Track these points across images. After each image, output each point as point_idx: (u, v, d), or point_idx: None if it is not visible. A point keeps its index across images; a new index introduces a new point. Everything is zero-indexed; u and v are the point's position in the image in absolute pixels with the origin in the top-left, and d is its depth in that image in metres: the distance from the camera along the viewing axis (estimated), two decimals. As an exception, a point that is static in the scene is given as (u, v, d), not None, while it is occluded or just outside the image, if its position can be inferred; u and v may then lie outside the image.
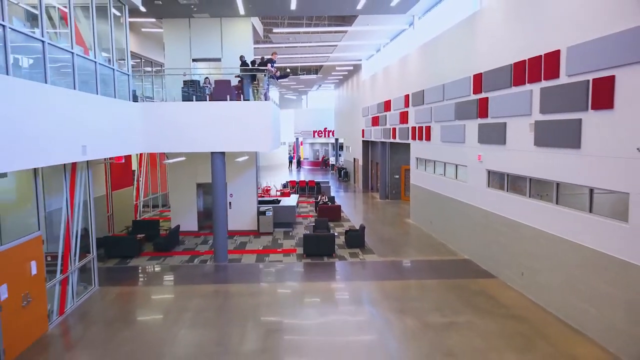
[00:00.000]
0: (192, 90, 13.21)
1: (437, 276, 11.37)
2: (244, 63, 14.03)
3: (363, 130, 27.81)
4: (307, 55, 26.75)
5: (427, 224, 16.56)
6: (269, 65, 13.50)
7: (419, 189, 17.57)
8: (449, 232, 14.46)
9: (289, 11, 15.60)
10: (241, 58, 14.27)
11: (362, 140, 28.38)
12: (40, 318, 8.18)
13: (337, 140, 43.62)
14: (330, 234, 13.68)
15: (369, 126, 26.01)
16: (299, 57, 27.30)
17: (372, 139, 25.40)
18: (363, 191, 28.55)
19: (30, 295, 7.78)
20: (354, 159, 32.63)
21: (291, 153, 51.10)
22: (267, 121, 12.47)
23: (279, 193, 22.12)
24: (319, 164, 50.22)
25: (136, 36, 18.56)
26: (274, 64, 14.00)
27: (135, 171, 19.21)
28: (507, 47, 10.57)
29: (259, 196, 18.58)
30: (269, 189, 22.94)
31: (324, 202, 20.04)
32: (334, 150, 45.52)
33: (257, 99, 13.21)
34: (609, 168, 7.33)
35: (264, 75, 13.34)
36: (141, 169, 20.03)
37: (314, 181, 27.67)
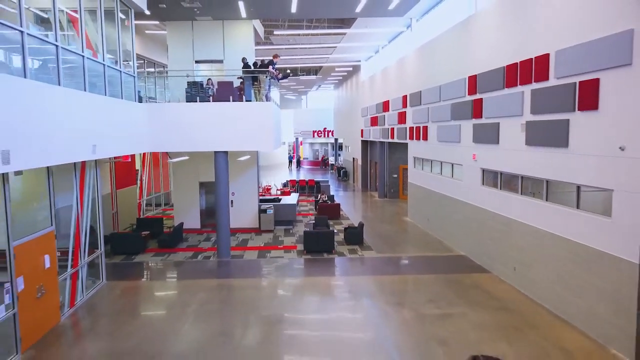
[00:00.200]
0: (194, 91, 13.60)
1: (433, 271, 11.76)
2: (246, 65, 14.41)
3: (362, 130, 28.21)
4: (307, 57, 27.13)
5: (425, 221, 16.95)
6: (270, 67, 13.88)
7: (416, 187, 17.97)
8: (445, 229, 14.85)
9: (289, 14, 15.99)
10: (243, 60, 14.65)
11: (361, 140, 28.78)
12: (53, 309, 8.57)
13: (337, 140, 44.04)
14: (329, 230, 14.08)
15: (367, 126, 26.40)
16: (299, 58, 27.68)
17: (371, 138, 25.79)
18: (362, 190, 28.95)
19: (44, 287, 8.16)
20: (353, 158, 33.02)
21: (291, 153, 51.50)
22: (268, 121, 12.87)
23: (279, 192, 22.50)
24: (318, 164, 50.62)
25: (140, 38, 18.92)
26: (275, 66, 14.39)
27: (138, 170, 19.59)
28: (500, 50, 10.97)
29: (260, 195, 18.96)
30: (269, 188, 23.31)
31: (323, 201, 20.43)
32: (334, 150, 45.94)
33: (260, 99, 13.59)
34: (594, 166, 7.73)
35: (266, 76, 13.72)
36: (144, 169, 20.41)
37: (314, 180, 28.07)
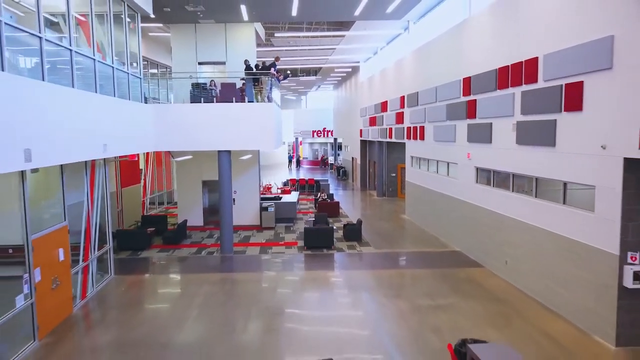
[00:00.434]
0: (197, 92, 14.07)
1: (428, 266, 12.22)
2: (248, 67, 14.86)
3: (361, 130, 28.67)
4: (306, 58, 27.58)
5: (422, 219, 17.41)
6: (272, 69, 14.34)
7: (413, 186, 18.44)
8: (441, 226, 15.32)
9: (290, 17, 16.44)
10: (246, 62, 15.09)
11: (360, 140, 29.24)
12: (67, 300, 9.02)
13: (336, 140, 44.50)
14: (329, 227, 14.54)
15: (366, 126, 26.86)
16: (298, 59, 28.14)
17: (370, 138, 26.25)
18: (361, 189, 29.41)
19: (59, 279, 8.61)
20: (352, 158, 33.48)
21: (290, 153, 51.96)
22: (269, 121, 13.33)
23: (279, 191, 22.94)
24: (318, 163, 51.10)
25: (143, 40, 19.33)
26: (276, 67, 14.84)
27: (142, 170, 20.03)
28: (492, 53, 11.43)
29: (261, 193, 19.40)
30: (270, 187, 23.75)
31: (323, 199, 20.88)
32: (333, 149, 46.41)
33: (262, 100, 14.04)
34: (579, 164, 8.19)
35: (268, 78, 14.17)
36: (148, 168, 20.85)
37: (314, 179, 28.53)
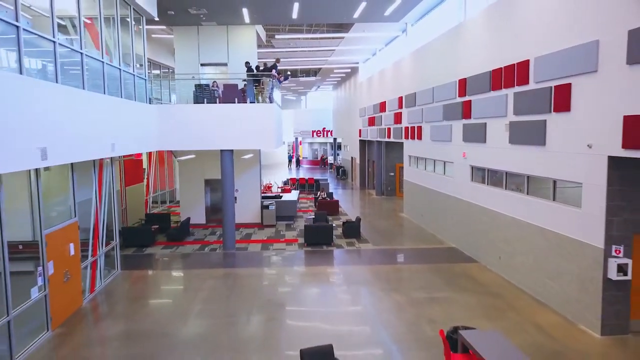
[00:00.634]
0: (199, 93, 14.44)
1: (424, 261, 12.61)
2: (249, 68, 15.24)
3: (360, 130, 29.05)
4: (306, 59, 27.96)
5: (419, 217, 17.81)
6: (273, 70, 14.72)
7: (411, 184, 18.83)
8: (437, 223, 15.71)
9: (290, 20, 16.82)
10: (247, 64, 15.47)
11: (359, 139, 29.62)
12: (77, 293, 9.40)
13: (335, 140, 44.89)
14: (328, 225, 14.92)
15: (365, 126, 27.24)
16: (299, 60, 28.51)
17: (369, 138, 26.64)
18: (360, 188, 29.80)
19: (70, 272, 8.99)
20: (352, 157, 33.87)
21: (290, 152, 52.35)
22: (271, 121, 13.71)
23: (279, 190, 23.31)
24: (317, 163, 51.50)
25: (147, 42, 19.72)
26: (277, 69, 15.22)
27: (145, 169, 20.40)
28: (486, 56, 11.81)
29: (262, 192, 19.77)
30: (270, 186, 24.11)
31: (323, 198, 21.27)
32: (333, 149, 46.80)
33: (263, 101, 14.42)
34: (567, 162, 8.58)
35: (269, 80, 14.55)
36: (150, 167, 21.22)
37: (313, 179, 28.92)
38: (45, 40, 7.65)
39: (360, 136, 29.27)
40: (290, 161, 50.99)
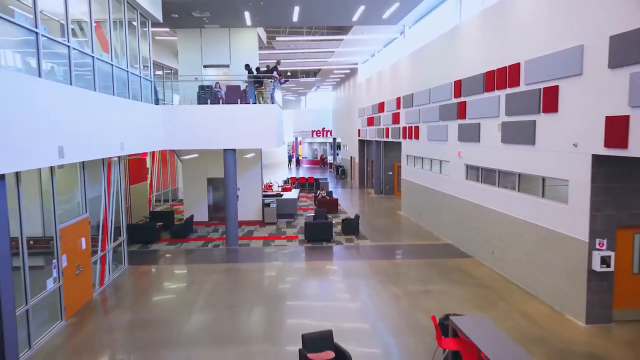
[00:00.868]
0: (202, 94, 14.90)
1: (421, 257, 13.06)
2: (249, 71, 15.67)
3: (359, 130, 29.50)
4: (306, 60, 28.41)
5: (417, 215, 18.25)
6: (274, 72, 15.16)
7: (409, 183, 19.28)
8: (434, 221, 16.16)
9: (291, 22, 17.26)
10: (246, 67, 15.89)
11: (359, 139, 30.07)
12: (88, 286, 9.85)
13: (335, 140, 45.34)
14: (328, 222, 15.37)
15: (364, 126, 27.69)
16: (299, 61, 28.95)
17: (368, 138, 27.08)
18: (359, 187, 30.25)
19: (81, 265, 9.43)
20: (351, 157, 34.31)
21: (290, 152, 52.81)
22: (272, 121, 14.17)
23: (280, 189, 23.75)
24: (317, 163, 51.97)
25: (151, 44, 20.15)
26: (278, 70, 15.66)
27: (148, 168, 20.83)
28: (480, 58, 12.26)
29: (263, 191, 20.21)
30: (271, 185, 24.56)
31: (322, 196, 21.72)
32: (332, 149, 47.25)
33: (265, 101, 14.87)
34: (555, 160, 9.03)
35: (271, 81, 15.00)
36: (154, 166, 21.66)
37: (313, 178, 29.37)
38: (59, 44, 8.08)
39: (359, 136, 29.71)
40: (290, 161, 51.44)
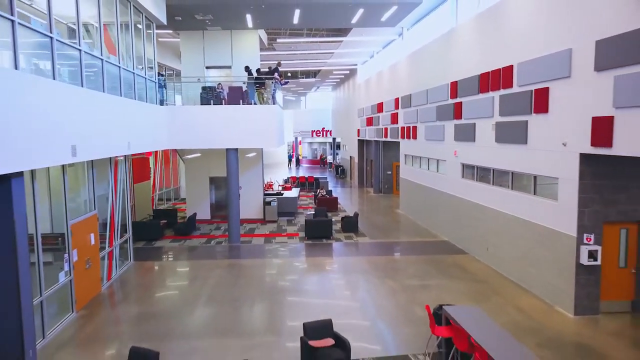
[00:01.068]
0: (204, 94, 15.27)
1: (418, 253, 13.44)
2: (249, 72, 16.03)
3: (358, 130, 29.88)
4: (306, 61, 28.78)
5: (415, 213, 18.63)
6: (275, 73, 15.53)
7: (407, 182, 19.66)
8: (431, 218, 16.54)
9: (291, 25, 17.62)
10: (246, 68, 16.24)
11: (358, 139, 30.45)
12: (97, 280, 10.22)
13: (335, 140, 45.71)
14: (328, 219, 15.75)
15: (363, 126, 28.06)
16: (299, 62, 29.33)
17: (367, 138, 27.46)
18: (358, 187, 30.62)
19: (91, 260, 9.81)
20: (350, 157, 34.69)
21: (290, 152, 53.20)
22: (273, 121, 14.54)
23: (280, 188, 24.11)
24: (317, 162, 52.36)
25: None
26: (279, 71, 16.03)
27: (151, 167, 21.20)
28: (475, 60, 12.64)
29: (264, 189, 20.56)
30: (271, 184, 24.91)
31: (322, 195, 22.10)
32: (332, 148, 47.62)
33: (266, 102, 15.24)
34: (546, 159, 9.41)
35: (272, 82, 15.37)
36: (157, 166, 22.03)
37: (313, 177, 29.75)
38: (71, 47, 8.45)
39: (358, 136, 30.09)
40: (290, 160, 51.81)
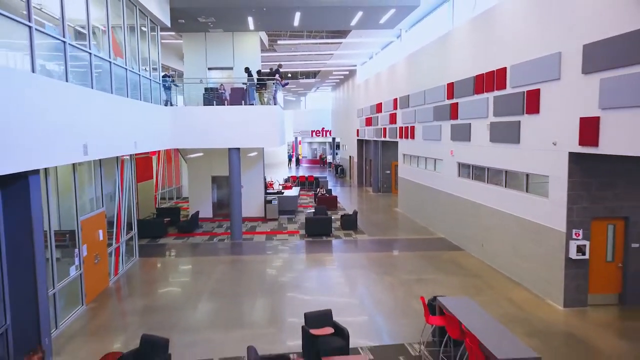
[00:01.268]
0: (206, 95, 15.64)
1: (415, 249, 13.82)
2: (249, 74, 16.39)
3: (358, 130, 30.25)
4: (306, 62, 29.16)
5: (412, 211, 19.01)
6: (276, 75, 15.90)
7: (405, 181, 20.04)
8: (429, 216, 16.92)
9: (292, 27, 17.99)
10: (246, 70, 16.60)
11: (357, 139, 30.83)
12: (104, 275, 10.59)
13: (334, 139, 46.08)
14: (328, 216, 16.13)
15: (363, 126, 28.44)
16: (299, 63, 29.70)
17: (366, 137, 27.84)
18: (358, 186, 31.00)
19: (99, 255, 10.18)
20: (350, 156, 35.07)
21: (290, 152, 53.58)
22: (275, 121, 14.92)
23: (281, 187, 24.48)
24: (317, 162, 52.76)
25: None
26: (280, 73, 16.39)
27: (154, 167, 21.57)
28: (471, 62, 13.02)
29: (268, 187, 20.96)
30: (272, 183, 25.28)
31: (322, 194, 22.48)
32: (331, 148, 48.00)
33: (268, 102, 15.61)
34: (537, 158, 9.79)
35: (273, 83, 15.75)
36: (159, 165, 22.40)
37: (313, 176, 30.13)
38: (80, 50, 8.82)
39: (358, 136, 30.46)
40: (290, 160, 52.19)
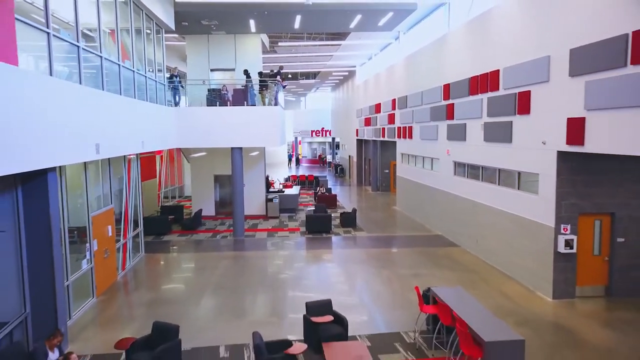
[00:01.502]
0: (209, 96, 16.07)
1: (412, 246, 14.26)
2: (248, 75, 16.79)
3: (357, 130, 30.68)
4: (306, 63, 29.59)
5: (410, 209, 19.44)
6: (277, 76, 16.33)
7: (403, 180, 20.48)
8: (426, 214, 17.35)
9: (292, 29, 18.43)
10: (245, 72, 16.99)
11: (357, 139, 31.26)
12: (113, 269, 11.02)
13: (334, 139, 46.51)
14: (327, 214, 16.56)
15: (362, 126, 28.87)
16: (299, 64, 30.14)
17: (365, 137, 28.27)
18: (357, 185, 31.43)
19: (108, 250, 10.60)
20: (349, 156, 35.50)
21: (290, 151, 54.01)
22: (276, 122, 15.35)
23: (281, 186, 24.90)
24: (317, 162, 53.19)
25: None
26: (281, 75, 16.82)
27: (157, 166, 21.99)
28: (466, 64, 13.45)
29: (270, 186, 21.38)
30: (272, 182, 25.69)
31: (322, 193, 22.90)
32: (331, 148, 48.43)
33: (269, 103, 16.05)
34: (527, 156, 10.22)
35: (274, 84, 16.18)
36: (162, 164, 22.82)
37: (313, 176, 30.55)
38: (91, 53, 9.24)
39: (357, 136, 30.89)
40: (290, 160, 52.61)
